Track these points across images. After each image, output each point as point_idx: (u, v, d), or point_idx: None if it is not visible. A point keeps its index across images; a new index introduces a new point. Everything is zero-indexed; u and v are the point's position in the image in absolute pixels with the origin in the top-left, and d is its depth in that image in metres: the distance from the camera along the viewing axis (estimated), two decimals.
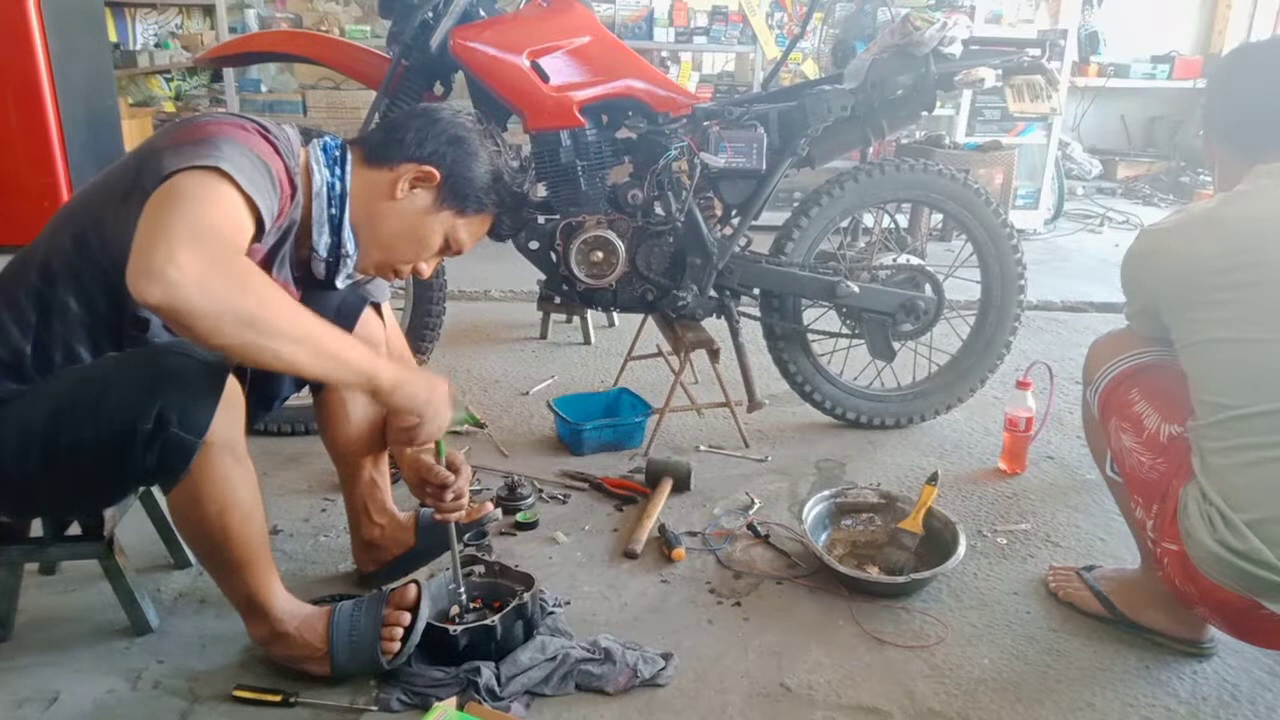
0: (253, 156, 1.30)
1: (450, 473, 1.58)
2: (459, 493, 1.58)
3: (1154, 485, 1.49)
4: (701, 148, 2.28)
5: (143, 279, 1.13)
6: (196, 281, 1.14)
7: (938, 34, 2.25)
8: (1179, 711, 1.53)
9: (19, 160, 3.95)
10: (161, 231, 1.16)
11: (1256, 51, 1.60)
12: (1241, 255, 1.35)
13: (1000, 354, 2.59)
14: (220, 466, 1.36)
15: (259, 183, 1.29)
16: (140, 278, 1.13)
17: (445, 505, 1.59)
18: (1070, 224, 5.26)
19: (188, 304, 1.14)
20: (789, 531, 2.03)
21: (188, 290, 1.13)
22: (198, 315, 1.14)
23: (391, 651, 1.49)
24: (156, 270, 1.13)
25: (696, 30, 4.74)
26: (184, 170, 1.23)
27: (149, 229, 1.17)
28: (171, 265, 1.13)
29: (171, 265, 1.13)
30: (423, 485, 1.61)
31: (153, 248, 1.14)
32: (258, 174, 1.29)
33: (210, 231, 1.19)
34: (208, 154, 1.25)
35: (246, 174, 1.27)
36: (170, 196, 1.21)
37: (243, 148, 1.29)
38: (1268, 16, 6.07)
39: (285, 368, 1.27)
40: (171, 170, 1.24)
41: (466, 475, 1.59)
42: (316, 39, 2.50)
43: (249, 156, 1.29)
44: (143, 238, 1.16)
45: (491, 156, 1.55)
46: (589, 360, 3.13)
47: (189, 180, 1.23)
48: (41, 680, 1.53)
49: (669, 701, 1.52)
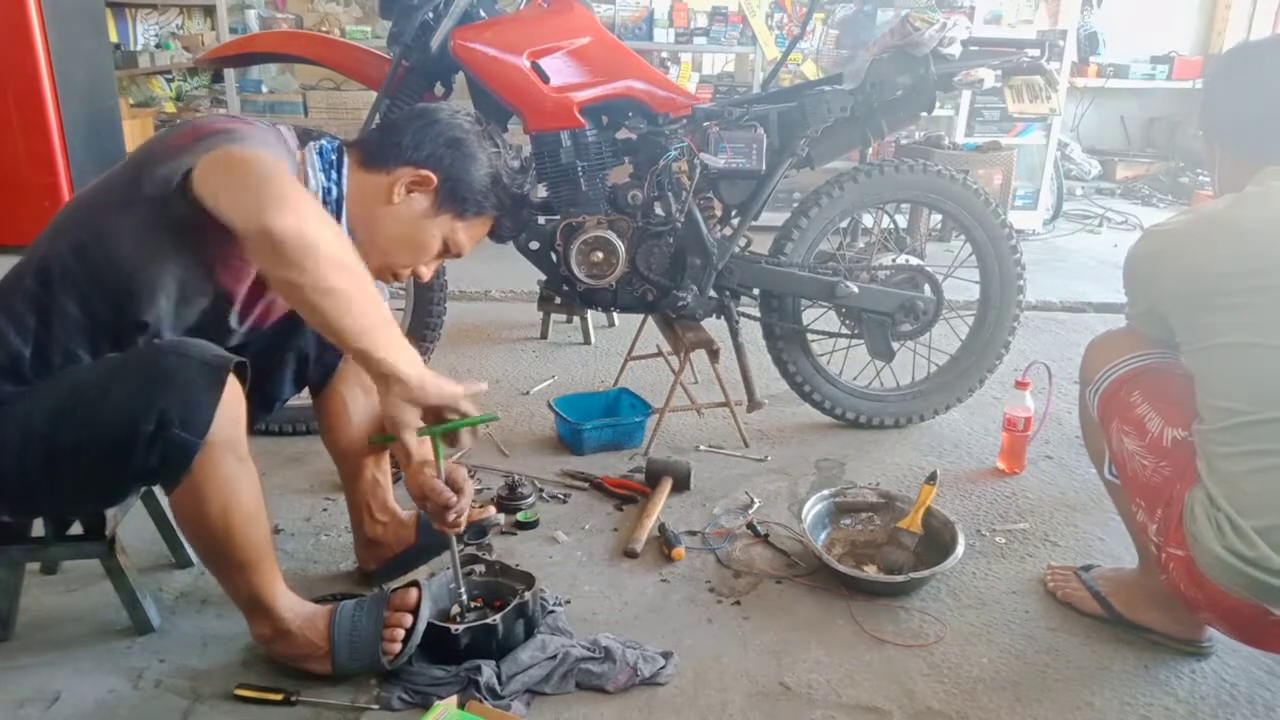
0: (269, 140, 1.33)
1: (454, 493, 1.52)
2: (460, 512, 1.54)
3: (1157, 489, 1.48)
4: (701, 148, 2.28)
5: (273, 207, 1.16)
6: (320, 217, 1.19)
7: (937, 35, 2.25)
8: (1177, 711, 1.53)
9: (20, 160, 3.96)
10: (269, 177, 1.19)
11: (1256, 51, 1.57)
12: (1254, 259, 1.34)
13: (999, 354, 2.59)
14: (223, 466, 1.36)
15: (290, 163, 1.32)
16: (270, 206, 1.16)
17: (447, 522, 1.54)
18: (1069, 224, 5.26)
19: (315, 236, 1.18)
20: (788, 531, 2.03)
21: (315, 225, 1.18)
22: (319, 251, 1.18)
23: (392, 652, 1.50)
24: (289, 199, 1.16)
25: (696, 31, 4.74)
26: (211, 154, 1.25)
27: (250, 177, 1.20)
28: (299, 199, 1.17)
29: (299, 199, 1.17)
30: (425, 499, 1.56)
31: (272, 184, 1.17)
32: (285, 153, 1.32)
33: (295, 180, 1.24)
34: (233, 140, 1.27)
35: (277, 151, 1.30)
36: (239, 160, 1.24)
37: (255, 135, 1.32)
38: (1267, 16, 6.07)
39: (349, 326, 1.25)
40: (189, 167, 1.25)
41: (469, 496, 1.55)
42: (317, 40, 2.50)
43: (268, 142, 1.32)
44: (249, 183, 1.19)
45: (490, 158, 1.53)
46: (589, 360, 3.14)
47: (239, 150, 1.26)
48: (43, 680, 1.53)
49: (669, 700, 1.52)
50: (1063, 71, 4.61)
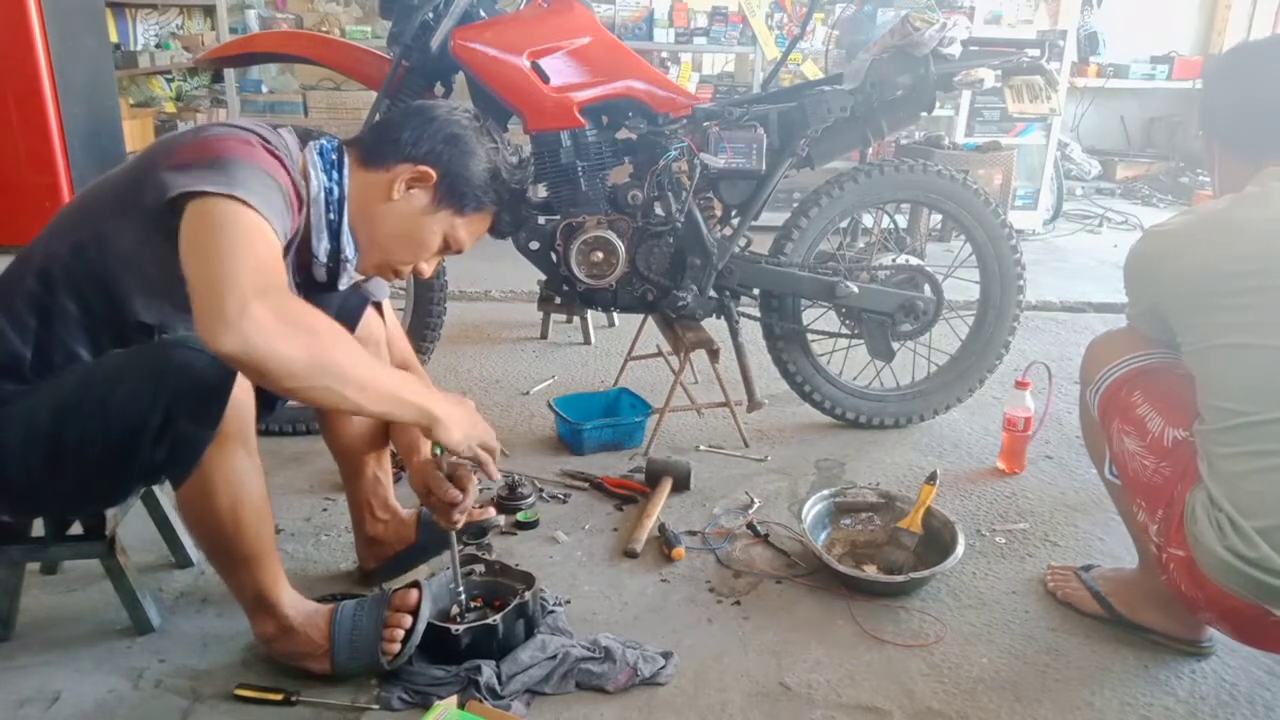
0: (264, 177, 1.30)
1: (459, 491, 1.54)
2: (464, 510, 1.55)
3: (1158, 489, 1.47)
4: (701, 148, 2.28)
5: (219, 331, 1.14)
6: (273, 331, 1.16)
7: (937, 35, 2.25)
8: (1177, 711, 1.53)
9: (19, 160, 3.96)
10: (228, 280, 1.16)
11: (1255, 50, 1.57)
12: (1255, 260, 1.34)
13: (999, 354, 2.59)
14: (233, 459, 1.37)
15: (276, 206, 1.29)
16: (216, 329, 1.14)
17: (449, 520, 1.56)
18: (1069, 224, 5.26)
19: (266, 355, 1.16)
20: (788, 531, 2.03)
21: (266, 341, 1.15)
22: (277, 363, 1.17)
23: (392, 652, 1.50)
24: (232, 321, 1.14)
25: (696, 31, 4.74)
26: (201, 196, 1.23)
27: (209, 274, 1.18)
28: (246, 318, 1.14)
29: (246, 318, 1.14)
30: (429, 495, 1.58)
31: (224, 298, 1.15)
32: (274, 195, 1.30)
33: (271, 274, 1.21)
34: (222, 179, 1.25)
35: (264, 197, 1.27)
36: (212, 234, 1.22)
37: (253, 167, 1.29)
38: (1267, 16, 6.07)
39: (351, 410, 1.30)
40: (184, 191, 1.24)
41: (473, 495, 1.56)
42: (317, 40, 2.50)
43: (261, 178, 1.29)
44: (206, 285, 1.18)
45: (489, 153, 1.53)
46: (589, 360, 3.14)
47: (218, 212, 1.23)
48: (43, 680, 1.53)
49: (669, 700, 1.52)
50: (1063, 71, 4.61)
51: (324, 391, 1.23)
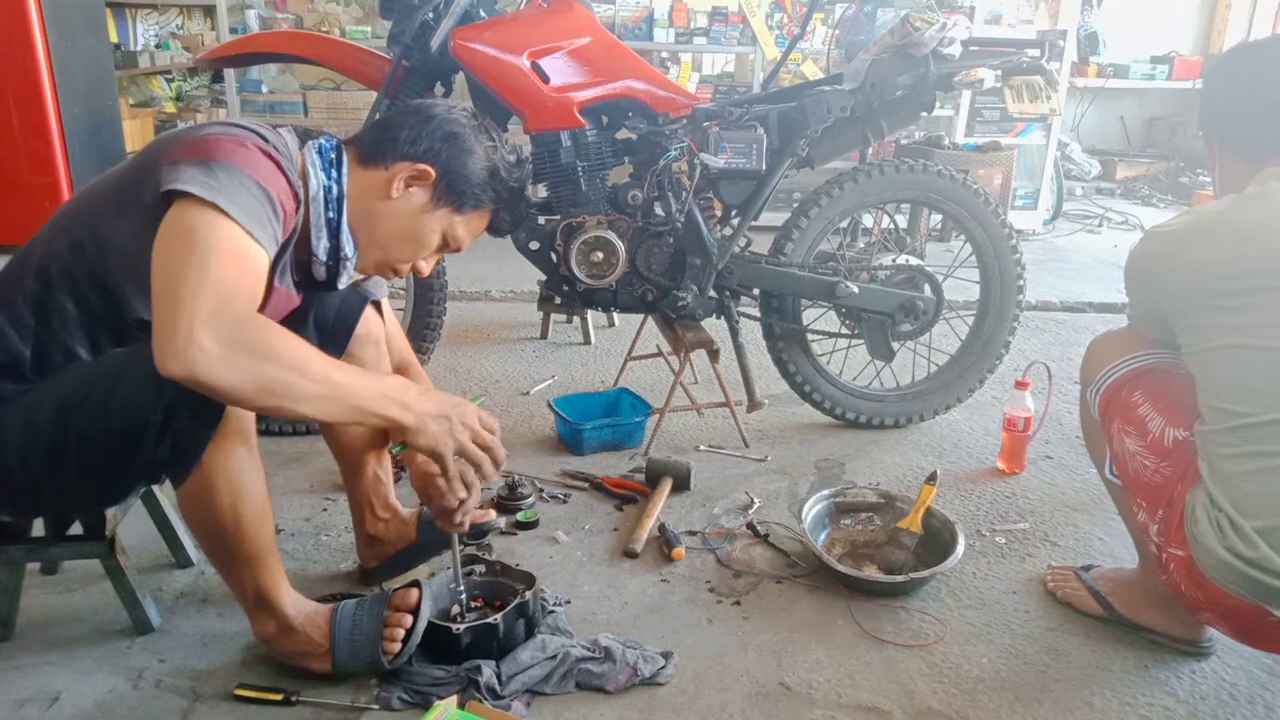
0: (252, 185, 1.29)
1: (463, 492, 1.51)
2: (468, 511, 1.54)
3: (1158, 490, 1.47)
4: (701, 148, 2.28)
5: (168, 358, 1.17)
6: (218, 357, 1.17)
7: (937, 35, 2.26)
8: (1177, 710, 1.53)
9: (19, 160, 3.96)
10: (180, 306, 1.18)
11: (1256, 50, 1.57)
12: (1255, 261, 1.34)
13: (999, 354, 2.59)
14: (234, 456, 1.37)
15: (259, 216, 1.28)
16: (164, 356, 1.17)
17: (453, 522, 1.54)
18: (1069, 224, 5.26)
19: (210, 380, 1.17)
20: (788, 531, 2.03)
21: (209, 367, 1.17)
22: (222, 389, 1.19)
23: (392, 652, 1.50)
24: (179, 350, 1.16)
25: (696, 31, 4.74)
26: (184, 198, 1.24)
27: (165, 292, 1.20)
28: (192, 346, 1.16)
29: (192, 346, 1.16)
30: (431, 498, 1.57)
31: (174, 325, 1.17)
32: (258, 204, 1.29)
33: (228, 295, 1.21)
34: (209, 183, 1.25)
35: (246, 207, 1.26)
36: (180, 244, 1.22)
37: (241, 174, 1.28)
38: (1267, 16, 6.07)
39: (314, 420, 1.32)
40: (170, 187, 1.24)
41: (477, 497, 1.55)
42: (317, 40, 2.50)
43: (248, 186, 1.28)
44: (161, 303, 1.19)
45: (487, 152, 1.53)
46: (589, 360, 3.14)
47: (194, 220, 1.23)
48: (43, 680, 1.53)
49: (669, 700, 1.52)
50: (1063, 71, 4.61)
51: (276, 410, 1.24)
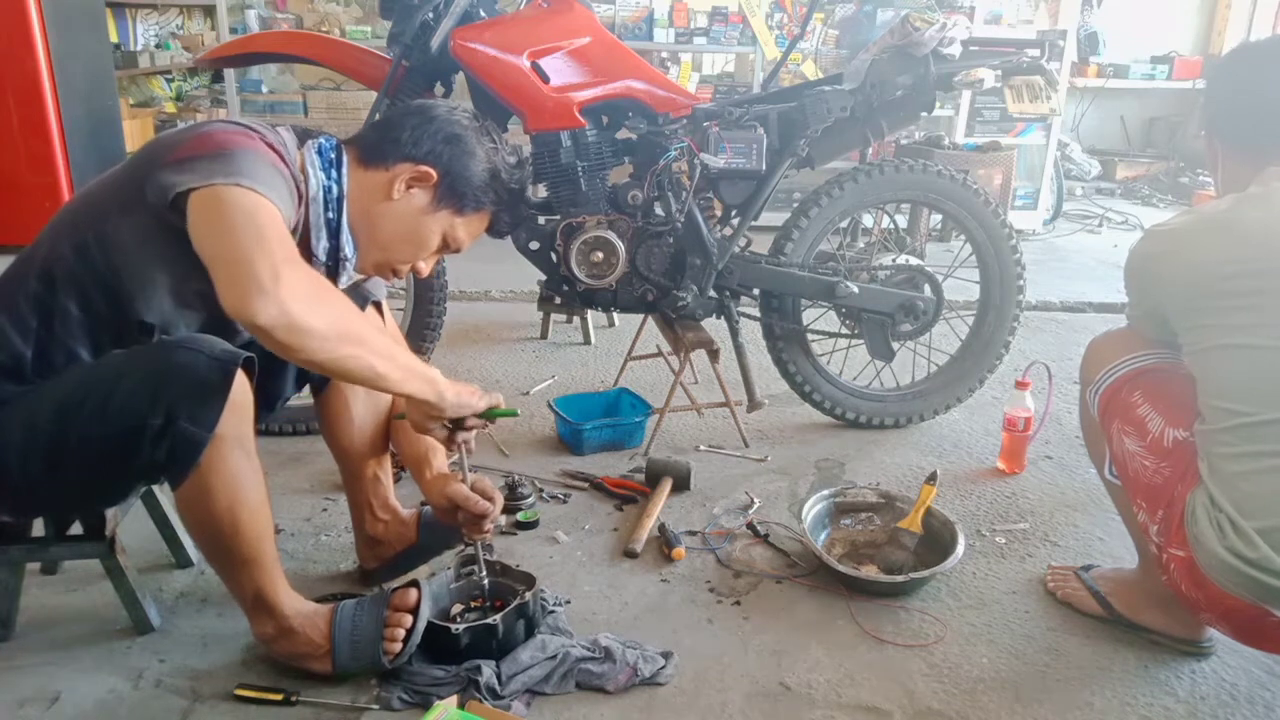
0: (268, 166, 1.31)
1: (488, 503, 1.60)
2: (495, 519, 1.62)
3: (1158, 490, 1.47)
4: (701, 148, 2.28)
5: (255, 299, 1.16)
6: (307, 298, 1.17)
7: (937, 35, 2.25)
8: (1177, 710, 1.53)
9: (19, 160, 3.96)
10: (257, 249, 1.18)
11: (1257, 50, 1.57)
12: (1256, 260, 1.34)
13: (999, 354, 2.59)
14: (231, 460, 1.37)
15: (282, 192, 1.31)
16: (251, 298, 1.16)
17: (480, 530, 1.62)
18: (1069, 224, 5.26)
19: (304, 322, 1.18)
20: (788, 531, 2.03)
21: (303, 307, 1.17)
22: (312, 333, 1.19)
23: (392, 652, 1.50)
24: (268, 289, 1.15)
25: (696, 31, 4.74)
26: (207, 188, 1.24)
27: (234, 248, 1.20)
28: (282, 284, 1.16)
29: (282, 284, 1.16)
30: (455, 512, 1.62)
31: (255, 265, 1.16)
32: (278, 181, 1.31)
33: (290, 249, 1.23)
34: (227, 170, 1.26)
35: (270, 184, 1.28)
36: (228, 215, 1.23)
37: (256, 156, 1.30)
38: (1267, 16, 6.07)
39: (371, 381, 1.34)
40: (190, 188, 1.25)
41: (500, 503, 1.63)
42: (317, 40, 2.50)
43: (265, 166, 1.30)
44: (233, 258, 1.19)
45: (488, 153, 1.54)
46: (589, 360, 3.14)
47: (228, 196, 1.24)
48: (43, 680, 1.53)
49: (669, 700, 1.52)
50: (1063, 71, 4.61)
51: (352, 360, 1.27)
